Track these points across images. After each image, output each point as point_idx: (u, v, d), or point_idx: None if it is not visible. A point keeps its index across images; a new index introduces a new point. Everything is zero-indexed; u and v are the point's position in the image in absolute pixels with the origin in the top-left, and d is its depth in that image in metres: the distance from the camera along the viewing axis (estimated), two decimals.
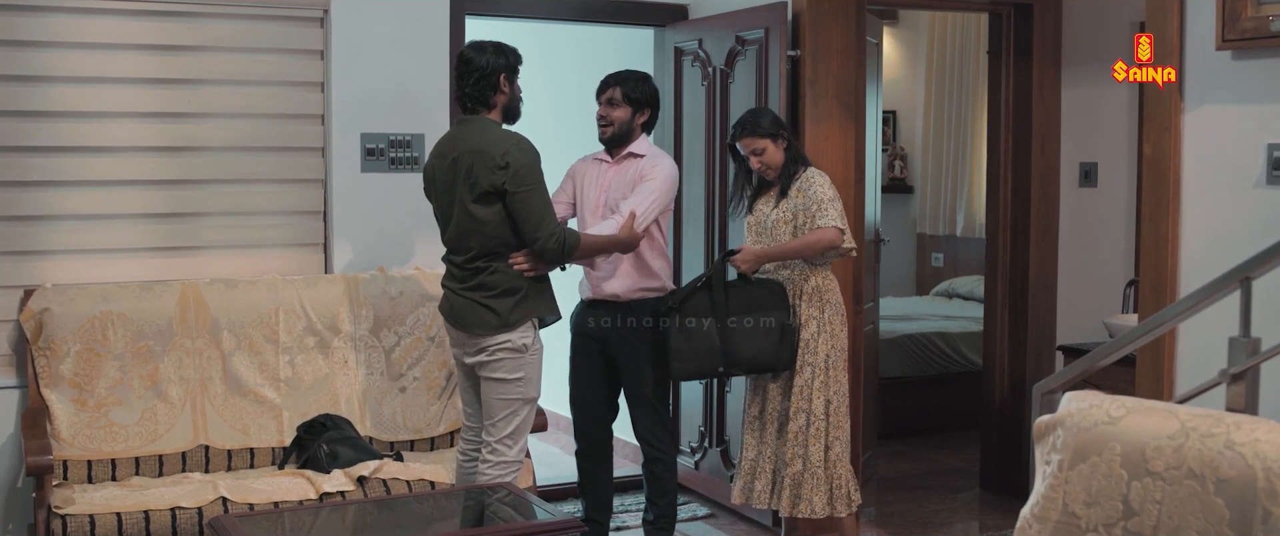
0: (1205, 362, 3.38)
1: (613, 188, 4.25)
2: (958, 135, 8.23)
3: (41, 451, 3.85)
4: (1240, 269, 3.07)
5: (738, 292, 4.16)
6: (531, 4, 5.47)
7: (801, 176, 4.20)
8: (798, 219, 4.15)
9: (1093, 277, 5.36)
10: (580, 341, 4.39)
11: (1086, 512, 2.42)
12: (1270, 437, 2.21)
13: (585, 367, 4.39)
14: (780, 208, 4.19)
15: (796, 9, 4.78)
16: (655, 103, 4.31)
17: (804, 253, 4.13)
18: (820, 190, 4.15)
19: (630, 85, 4.25)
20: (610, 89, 4.25)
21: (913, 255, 8.64)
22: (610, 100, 4.25)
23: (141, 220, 4.58)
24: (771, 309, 4.12)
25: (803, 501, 4.14)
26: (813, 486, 4.14)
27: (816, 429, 4.14)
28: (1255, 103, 3.55)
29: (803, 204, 4.15)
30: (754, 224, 4.29)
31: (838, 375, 4.19)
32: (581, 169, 4.38)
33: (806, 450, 4.14)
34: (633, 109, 4.24)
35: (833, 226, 4.08)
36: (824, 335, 4.15)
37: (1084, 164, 5.36)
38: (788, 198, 4.19)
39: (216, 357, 4.37)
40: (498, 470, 3.90)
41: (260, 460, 4.34)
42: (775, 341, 4.12)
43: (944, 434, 6.66)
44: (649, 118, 4.29)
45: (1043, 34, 5.38)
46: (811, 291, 4.17)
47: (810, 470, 4.14)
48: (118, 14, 4.48)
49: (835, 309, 4.19)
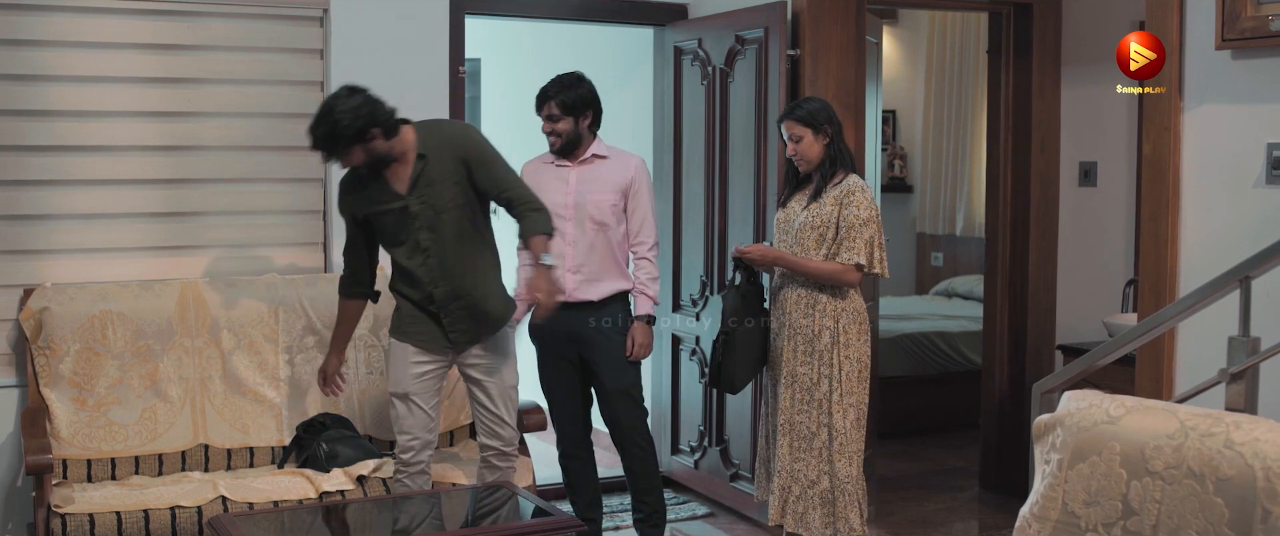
0: (1205, 362, 3.38)
1: (580, 191, 4.25)
2: (957, 135, 8.23)
3: (41, 450, 3.85)
4: (1240, 268, 3.07)
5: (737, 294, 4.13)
6: (531, 3, 5.46)
7: (842, 183, 4.00)
8: (828, 232, 3.97)
9: (1092, 277, 5.36)
10: (551, 344, 4.35)
11: (1086, 512, 2.42)
12: (1270, 437, 2.21)
13: (560, 370, 4.38)
14: (810, 211, 4.01)
15: (796, 8, 4.78)
16: (594, 102, 4.28)
17: (816, 276, 3.99)
18: (857, 211, 3.95)
19: (564, 94, 4.23)
20: (547, 104, 4.25)
21: (912, 254, 8.64)
22: (550, 115, 4.24)
23: (141, 219, 4.58)
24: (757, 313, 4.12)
25: (839, 519, 4.00)
26: (846, 504, 3.99)
27: (841, 443, 3.99)
28: (1255, 102, 3.55)
29: (836, 217, 3.96)
30: (782, 221, 4.13)
31: (853, 386, 4.01)
32: (535, 172, 4.34)
33: (833, 467, 3.99)
34: (573, 116, 4.23)
35: (852, 265, 3.94)
36: (838, 345, 3.99)
37: (1084, 163, 5.36)
38: (820, 202, 4.00)
39: (216, 357, 4.37)
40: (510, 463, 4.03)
41: (260, 459, 4.34)
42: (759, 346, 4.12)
43: (944, 433, 6.66)
44: (592, 118, 4.28)
45: (1043, 33, 5.38)
46: (826, 299, 4.01)
47: (840, 487, 3.99)
48: (117, 13, 4.48)
49: (851, 317, 4.01)
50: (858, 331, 4.03)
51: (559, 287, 3.90)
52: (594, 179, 4.26)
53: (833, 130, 4.05)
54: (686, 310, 5.41)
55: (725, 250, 5.07)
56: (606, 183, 4.26)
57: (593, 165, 4.28)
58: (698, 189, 5.33)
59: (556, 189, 4.25)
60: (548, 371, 4.41)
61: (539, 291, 3.71)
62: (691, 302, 5.37)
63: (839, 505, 4.00)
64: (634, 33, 5.74)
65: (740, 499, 5.07)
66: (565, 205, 4.23)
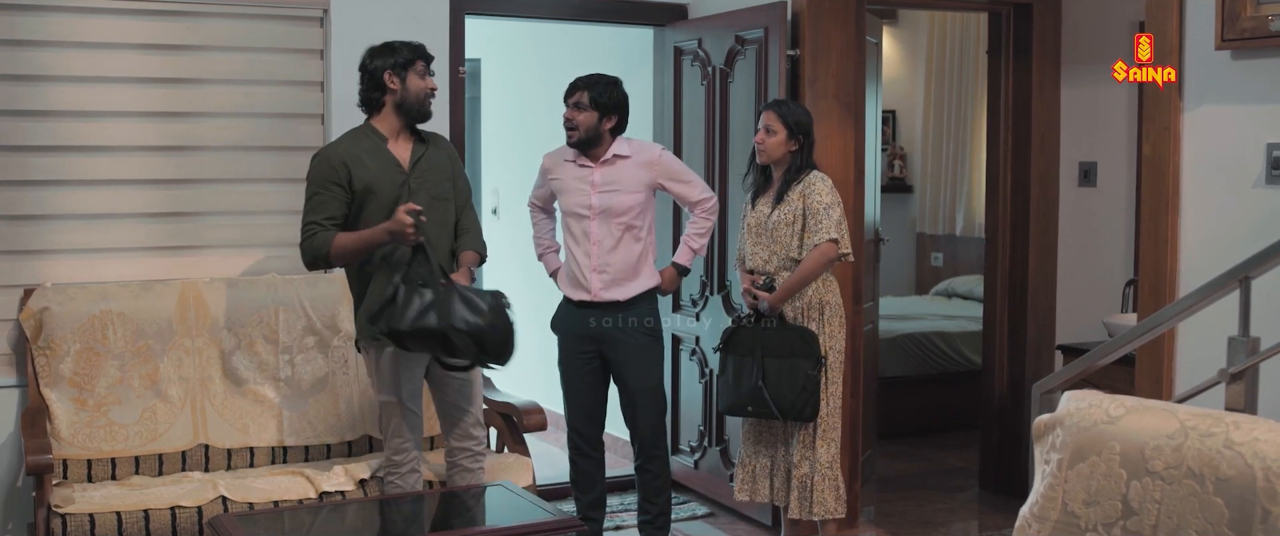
0: (1204, 362, 3.38)
1: (604, 192, 4.23)
2: (957, 135, 8.23)
3: (41, 450, 3.85)
4: (1239, 268, 3.07)
5: (775, 334, 4.15)
6: (531, 3, 5.47)
7: (804, 180, 4.17)
8: (796, 224, 4.14)
9: (1092, 277, 5.36)
10: (575, 344, 4.37)
11: (1086, 512, 2.42)
12: (1269, 437, 2.21)
13: (582, 369, 4.38)
14: (780, 210, 4.18)
15: (796, 8, 4.78)
16: (623, 107, 4.25)
17: (813, 275, 4.13)
18: (818, 196, 4.13)
19: (598, 89, 4.20)
20: (578, 92, 4.21)
21: (912, 255, 8.64)
22: (577, 103, 4.21)
23: (141, 219, 4.58)
24: (799, 355, 4.10)
25: (816, 503, 4.15)
26: (824, 487, 4.15)
27: (824, 429, 4.16)
28: (1255, 102, 3.55)
29: (804, 208, 4.13)
30: (754, 225, 4.27)
31: (836, 374, 4.19)
32: (555, 169, 4.35)
33: (815, 452, 4.15)
34: (599, 113, 4.20)
35: (827, 240, 4.08)
36: (823, 337, 4.16)
37: (1084, 163, 5.36)
38: (786, 201, 4.17)
39: (216, 357, 4.37)
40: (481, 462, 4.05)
41: (260, 459, 4.34)
42: (797, 389, 4.09)
43: (943, 433, 6.66)
44: (617, 122, 4.25)
45: (1042, 33, 5.38)
46: (812, 296, 4.17)
47: (820, 471, 4.15)
48: (118, 13, 4.48)
49: (834, 310, 4.20)
50: (839, 324, 4.21)
51: None
52: (618, 179, 4.24)
53: (805, 142, 4.21)
54: (686, 310, 5.42)
55: (725, 250, 5.07)
56: (631, 182, 4.24)
57: (615, 166, 4.26)
58: None
59: (579, 189, 4.26)
60: (569, 368, 4.41)
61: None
62: (691, 303, 5.38)
63: (817, 489, 4.15)
64: (634, 33, 5.74)
65: None
66: (589, 206, 4.23)
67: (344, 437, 4.45)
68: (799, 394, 4.08)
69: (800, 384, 4.08)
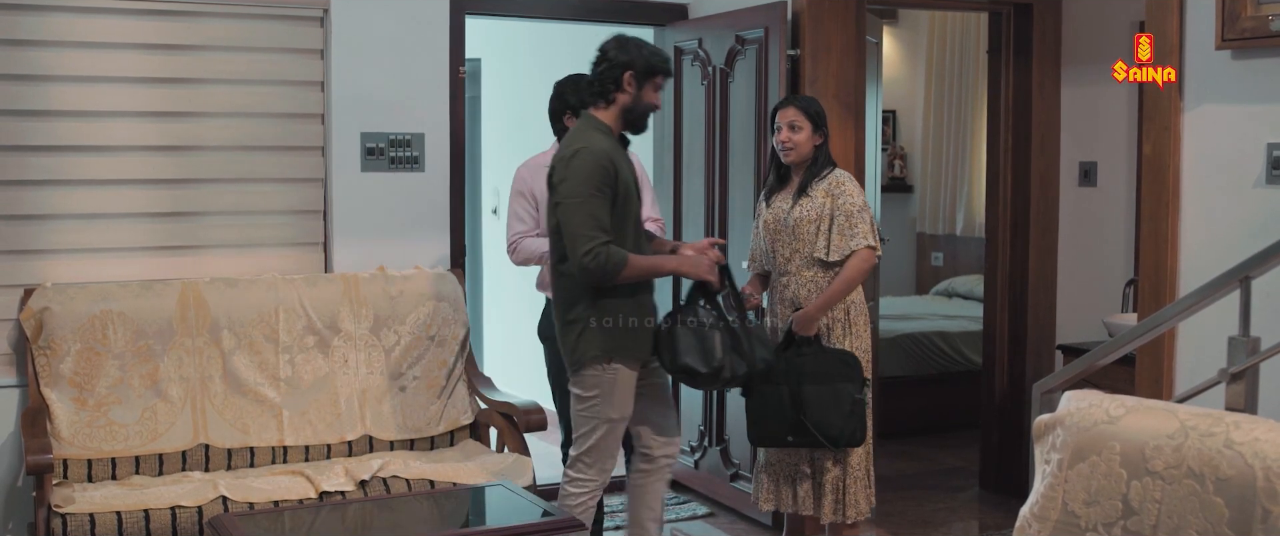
0: (1205, 362, 3.38)
1: None
2: (957, 135, 8.23)
3: (41, 450, 3.85)
4: (1240, 268, 3.07)
5: (812, 359, 4.00)
6: (531, 3, 5.47)
7: (829, 177, 4.06)
8: (823, 223, 4.00)
9: (1092, 277, 5.36)
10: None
11: (1086, 511, 2.42)
12: (1269, 437, 2.21)
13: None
14: (803, 206, 4.04)
15: (796, 8, 4.78)
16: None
17: (855, 284, 4.01)
18: (850, 198, 4.00)
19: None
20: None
21: (912, 254, 8.65)
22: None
23: (141, 219, 4.58)
24: (841, 380, 3.97)
25: (849, 505, 4.06)
26: (856, 489, 4.07)
27: None
28: (1255, 102, 3.55)
29: (833, 208, 4.01)
30: (771, 222, 4.13)
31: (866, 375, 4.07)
32: (531, 179, 4.30)
33: (848, 454, 4.04)
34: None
35: (865, 247, 3.97)
36: (849, 337, 4.06)
37: (1084, 163, 5.36)
38: (809, 197, 4.05)
39: (216, 357, 4.37)
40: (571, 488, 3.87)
41: (260, 459, 4.34)
42: (844, 415, 3.96)
43: (943, 433, 6.66)
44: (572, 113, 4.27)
45: (1043, 33, 5.38)
46: None
47: (851, 473, 4.06)
48: (118, 13, 4.48)
49: (858, 309, 4.09)
50: (864, 322, 4.12)
51: None
52: None
53: (826, 136, 4.13)
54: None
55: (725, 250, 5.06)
56: None
57: None
58: (698, 189, 5.33)
59: None
60: (559, 380, 4.39)
61: None
62: None
63: (850, 491, 4.07)
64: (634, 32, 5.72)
65: (740, 499, 5.07)
66: None
67: (344, 437, 4.45)
68: (846, 419, 3.95)
69: (847, 409, 3.94)
